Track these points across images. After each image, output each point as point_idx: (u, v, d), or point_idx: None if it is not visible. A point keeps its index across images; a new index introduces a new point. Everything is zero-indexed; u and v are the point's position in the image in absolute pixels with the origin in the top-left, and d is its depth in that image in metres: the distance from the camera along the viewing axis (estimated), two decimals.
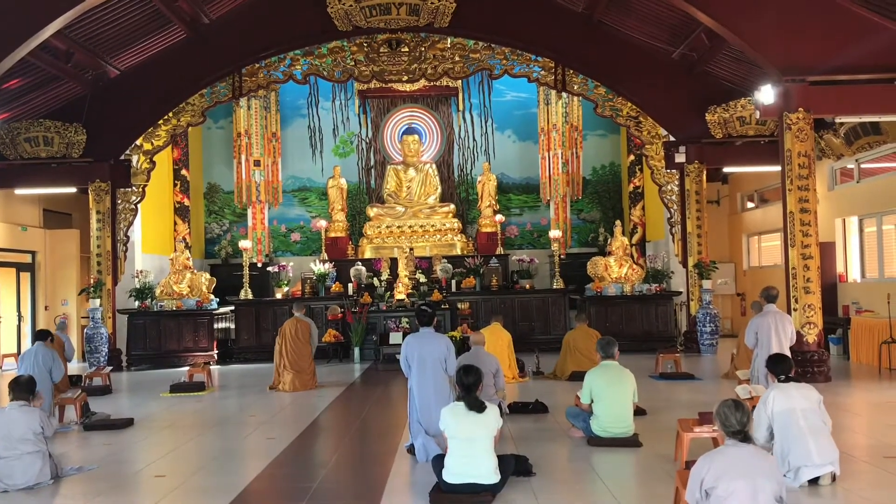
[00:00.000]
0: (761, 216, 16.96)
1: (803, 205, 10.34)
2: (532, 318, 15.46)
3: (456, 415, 5.54)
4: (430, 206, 18.88)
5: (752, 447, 4.10)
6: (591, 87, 15.07)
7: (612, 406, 7.04)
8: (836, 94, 10.63)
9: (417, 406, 6.76)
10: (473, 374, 5.75)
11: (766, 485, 3.94)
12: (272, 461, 6.85)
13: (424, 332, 7.01)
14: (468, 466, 5.39)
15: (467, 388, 5.68)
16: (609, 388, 7.07)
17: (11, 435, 6.10)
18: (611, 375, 7.14)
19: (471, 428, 5.46)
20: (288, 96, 19.37)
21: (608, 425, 7.04)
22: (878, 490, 5.54)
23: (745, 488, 3.93)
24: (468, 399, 5.58)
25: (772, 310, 8.77)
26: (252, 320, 15.32)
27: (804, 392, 5.70)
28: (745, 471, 3.96)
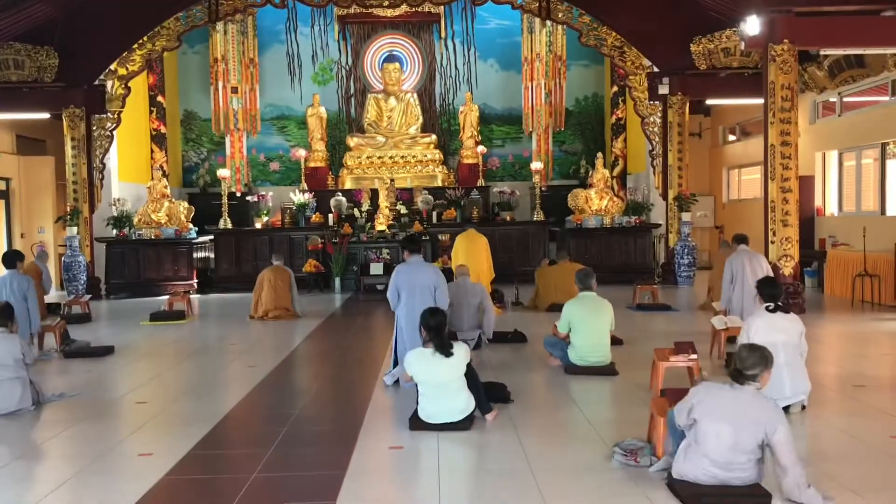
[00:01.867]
0: (742, 149, 16.97)
1: (785, 138, 10.34)
2: (512, 250, 15.51)
3: (423, 360, 5.49)
4: (411, 137, 18.68)
5: (751, 391, 4.06)
6: (575, 16, 14.81)
7: (589, 336, 7.15)
8: (822, 26, 10.52)
9: (406, 337, 6.76)
10: (439, 316, 5.65)
11: (749, 430, 3.97)
12: (253, 389, 6.91)
13: (414, 260, 6.98)
14: (442, 408, 5.40)
15: (433, 329, 5.55)
16: (586, 318, 7.16)
17: None
18: (588, 306, 7.23)
19: (440, 371, 5.42)
20: (265, 21, 18.88)
21: (585, 354, 7.15)
22: (848, 418, 5.69)
23: (725, 432, 3.98)
24: (435, 341, 5.51)
25: (744, 249, 8.83)
26: (232, 250, 15.27)
27: (788, 324, 5.68)
28: (730, 415, 4.00)
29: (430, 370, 5.45)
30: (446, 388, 5.43)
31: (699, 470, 4.07)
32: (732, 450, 4.00)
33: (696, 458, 4.08)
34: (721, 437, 4.00)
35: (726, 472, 4.02)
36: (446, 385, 5.43)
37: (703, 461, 4.06)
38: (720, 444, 4.01)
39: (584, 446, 5.06)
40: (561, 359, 7.36)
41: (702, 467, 4.06)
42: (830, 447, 5.04)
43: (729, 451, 4.00)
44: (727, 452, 4.00)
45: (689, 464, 4.11)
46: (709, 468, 4.05)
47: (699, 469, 4.07)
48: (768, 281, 6.19)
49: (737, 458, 4.00)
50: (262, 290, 11.27)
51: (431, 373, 5.45)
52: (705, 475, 4.06)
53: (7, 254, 9.23)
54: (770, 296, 5.85)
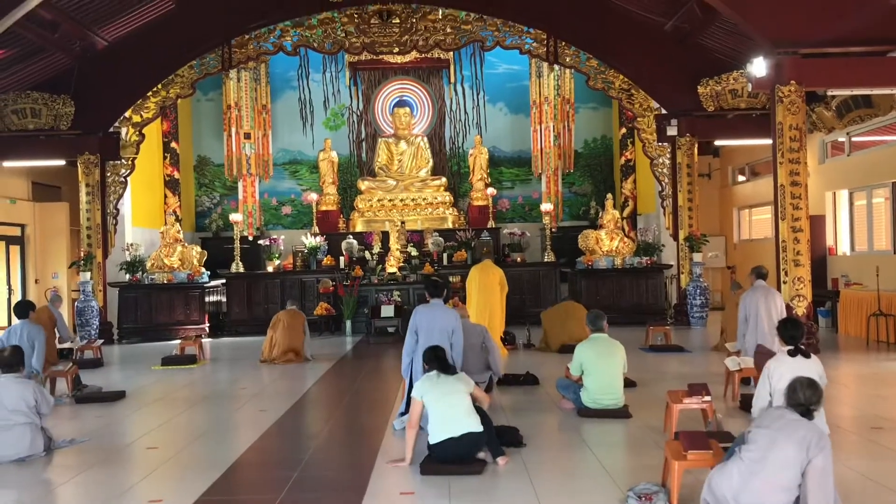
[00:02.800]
0: (752, 189, 16.98)
1: (794, 178, 10.35)
2: (523, 291, 15.45)
3: (429, 381, 5.69)
4: (421, 180, 18.82)
5: (808, 423, 4.17)
6: (583, 60, 14.98)
7: (601, 378, 7.08)
8: (828, 67, 10.59)
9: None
10: (439, 350, 5.87)
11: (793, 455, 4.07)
12: (263, 433, 6.88)
13: (434, 303, 7.07)
14: (451, 422, 5.48)
15: (436, 360, 5.78)
16: (599, 360, 7.10)
17: (4, 405, 6.09)
18: (600, 348, 7.18)
19: (447, 387, 5.60)
20: (278, 68, 19.20)
21: (598, 397, 7.08)
22: (866, 461, 5.60)
23: (773, 457, 4.07)
24: (437, 366, 5.73)
25: (761, 285, 8.77)
26: (243, 293, 15.31)
27: (810, 368, 5.47)
28: (784, 439, 4.08)
29: (437, 388, 5.61)
30: (454, 400, 5.56)
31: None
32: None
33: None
34: (769, 461, 4.08)
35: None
36: (454, 395, 5.57)
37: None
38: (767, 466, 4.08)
39: (597, 491, 5.00)
40: (574, 401, 7.30)
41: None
42: (849, 492, 4.94)
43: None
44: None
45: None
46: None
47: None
48: (789, 322, 6.06)
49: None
50: (277, 331, 11.29)
51: (439, 390, 5.60)
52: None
53: (19, 304, 9.44)
54: (791, 337, 5.72)
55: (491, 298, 10.83)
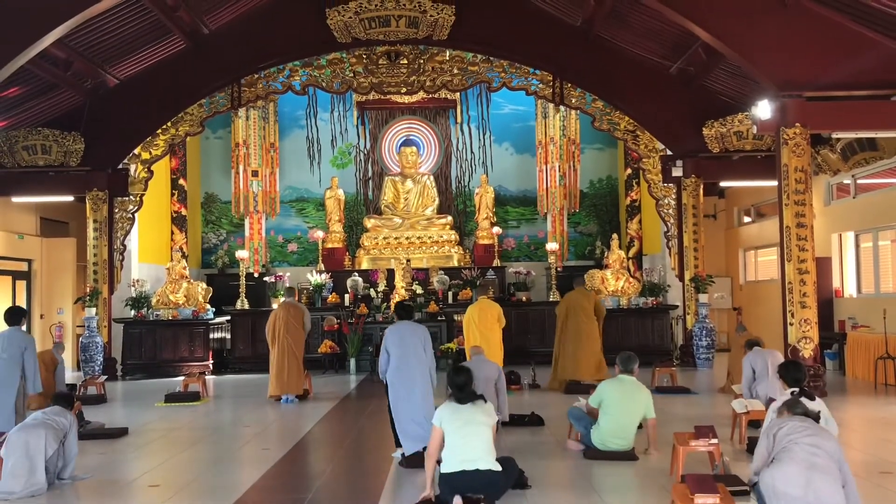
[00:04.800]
0: (758, 231, 16.99)
1: (800, 219, 10.37)
2: (528, 331, 15.43)
3: (450, 408, 5.59)
4: (427, 218, 18.89)
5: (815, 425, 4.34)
6: (588, 101, 15.12)
7: (617, 421, 6.98)
8: (833, 110, 10.68)
9: (401, 396, 6.99)
10: (464, 374, 5.73)
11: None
12: (266, 472, 6.82)
13: (403, 322, 7.34)
14: (467, 452, 5.39)
15: (459, 387, 5.67)
16: (619, 402, 6.99)
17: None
18: (625, 390, 7.06)
19: (467, 416, 5.52)
20: (286, 107, 19.41)
21: (608, 439, 7.00)
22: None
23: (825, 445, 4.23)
24: (461, 396, 5.62)
25: (760, 350, 8.77)
26: (248, 330, 15.28)
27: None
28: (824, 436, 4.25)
29: (456, 416, 5.52)
30: (473, 431, 5.46)
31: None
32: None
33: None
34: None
35: None
36: (473, 425, 5.48)
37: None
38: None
39: None
40: (582, 434, 7.22)
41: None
42: None
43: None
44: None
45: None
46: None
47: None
48: (791, 364, 6.02)
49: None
50: (275, 328, 11.13)
51: (457, 417, 5.51)
52: None
53: (11, 309, 8.38)
54: (794, 380, 5.71)
55: (489, 334, 10.81)
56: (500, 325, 11.15)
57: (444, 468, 5.43)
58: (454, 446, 5.43)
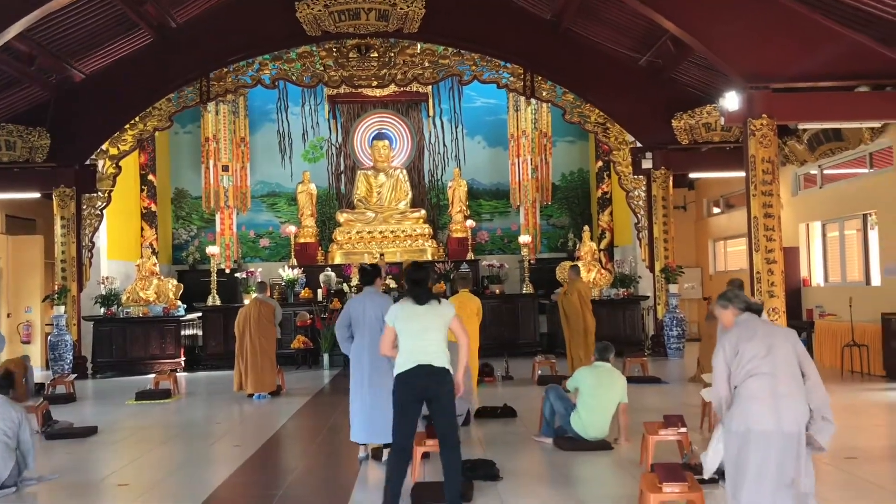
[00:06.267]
0: (727, 221, 17.17)
1: (767, 210, 10.47)
2: (502, 323, 15.47)
3: (407, 310, 5.18)
4: (400, 212, 18.86)
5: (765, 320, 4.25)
6: (559, 94, 15.17)
7: (594, 409, 7.11)
8: (799, 101, 10.78)
9: (366, 372, 6.61)
10: (423, 271, 5.36)
11: (784, 345, 4.03)
12: (238, 468, 6.79)
13: (367, 291, 6.78)
14: (419, 353, 5.08)
15: (416, 282, 5.25)
16: (596, 389, 7.14)
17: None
18: (601, 377, 7.22)
19: (424, 322, 5.13)
20: (257, 101, 19.27)
21: (587, 427, 7.10)
22: (840, 491, 5.62)
23: (759, 349, 4.02)
24: (417, 293, 5.20)
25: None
26: (220, 327, 15.13)
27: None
28: (761, 335, 4.06)
29: (413, 320, 5.14)
30: (427, 335, 5.11)
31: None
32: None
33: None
34: (762, 356, 4.03)
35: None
36: (428, 331, 5.11)
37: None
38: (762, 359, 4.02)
39: None
40: (560, 416, 7.30)
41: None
42: None
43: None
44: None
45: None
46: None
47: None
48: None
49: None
50: (247, 327, 11.00)
51: (413, 321, 5.13)
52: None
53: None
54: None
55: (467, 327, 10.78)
56: (478, 318, 11.14)
57: (398, 369, 5.14)
58: (408, 349, 5.14)
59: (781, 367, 3.96)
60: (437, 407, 5.11)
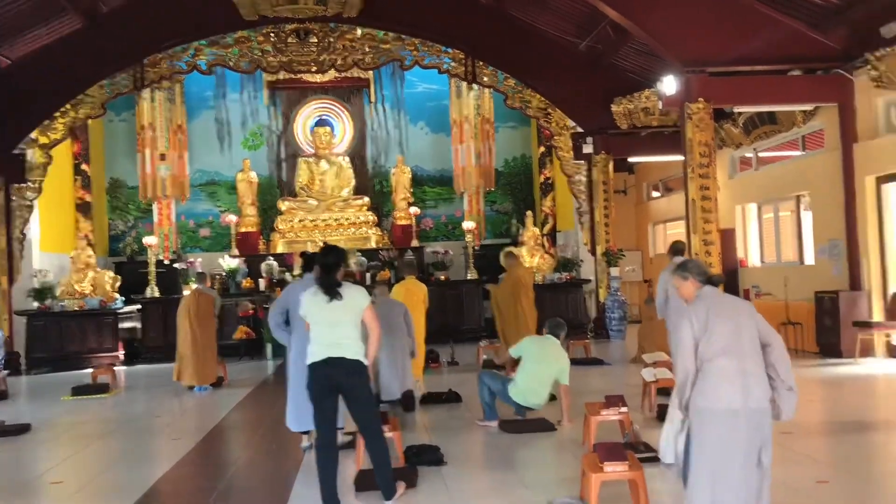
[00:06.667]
0: (666, 205, 17.45)
1: (704, 192, 10.67)
2: (447, 310, 15.46)
3: (317, 302, 4.99)
4: (343, 200, 18.68)
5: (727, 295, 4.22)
6: (500, 79, 15.18)
7: (533, 377, 7.29)
8: (734, 85, 11.01)
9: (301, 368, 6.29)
10: (334, 254, 5.10)
11: (749, 323, 4.01)
12: (177, 462, 6.64)
13: (308, 278, 6.46)
14: (330, 345, 4.94)
15: (327, 268, 5.02)
16: (538, 358, 7.32)
17: None
18: (545, 348, 7.43)
19: (334, 310, 4.96)
20: (194, 88, 18.83)
21: (526, 394, 7.27)
22: (776, 465, 5.69)
23: (729, 327, 3.96)
24: (326, 282, 4.98)
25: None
26: (159, 319, 14.82)
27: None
28: (728, 312, 4.01)
29: (323, 314, 4.97)
30: (339, 328, 4.94)
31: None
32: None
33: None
34: (727, 334, 3.97)
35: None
36: (340, 325, 4.95)
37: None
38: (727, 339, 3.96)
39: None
40: (498, 392, 7.37)
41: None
42: None
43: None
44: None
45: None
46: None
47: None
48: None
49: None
50: (188, 319, 10.81)
51: (324, 316, 4.97)
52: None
53: None
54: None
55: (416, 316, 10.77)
56: (424, 305, 11.11)
57: (309, 360, 4.99)
58: (319, 340, 4.98)
59: (748, 346, 4.00)
60: (352, 399, 5.00)
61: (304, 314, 5.09)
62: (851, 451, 6.21)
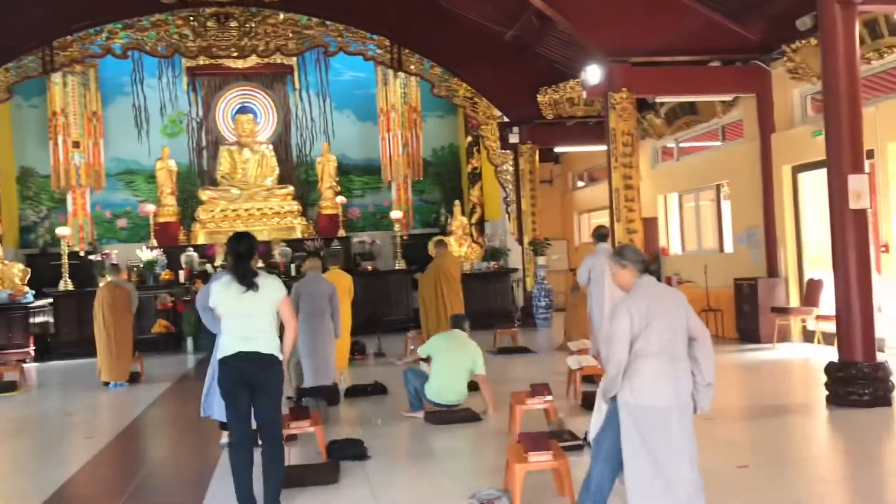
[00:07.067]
0: (591, 194, 17.63)
1: (627, 181, 10.77)
2: (375, 300, 15.29)
3: (231, 292, 4.70)
4: (267, 189, 18.27)
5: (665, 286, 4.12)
6: (427, 67, 15.06)
7: (444, 374, 7.19)
8: (656, 75, 11.12)
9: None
10: (246, 242, 4.78)
11: (681, 317, 3.97)
12: (87, 463, 6.32)
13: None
14: (243, 339, 4.66)
15: (239, 256, 4.72)
16: (447, 355, 7.22)
17: None
18: (453, 342, 7.33)
19: (247, 302, 4.66)
20: (109, 72, 18.09)
21: (443, 392, 7.17)
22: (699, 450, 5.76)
23: (667, 325, 3.91)
24: (242, 271, 4.69)
25: (604, 248, 8.97)
26: (73, 313, 14.23)
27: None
28: (666, 307, 3.95)
29: (235, 304, 4.68)
30: (253, 320, 4.67)
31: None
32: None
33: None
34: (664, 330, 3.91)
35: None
36: (253, 317, 4.67)
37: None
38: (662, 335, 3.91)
39: (442, 499, 4.91)
40: (417, 388, 7.30)
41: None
42: None
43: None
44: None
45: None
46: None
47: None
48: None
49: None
50: (102, 314, 10.39)
51: (236, 305, 4.68)
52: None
53: None
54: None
55: (341, 307, 10.59)
56: (349, 296, 10.94)
57: (220, 354, 4.75)
58: (231, 333, 4.71)
59: (680, 343, 3.98)
60: (261, 395, 4.71)
61: (215, 305, 4.83)
62: (770, 435, 6.33)
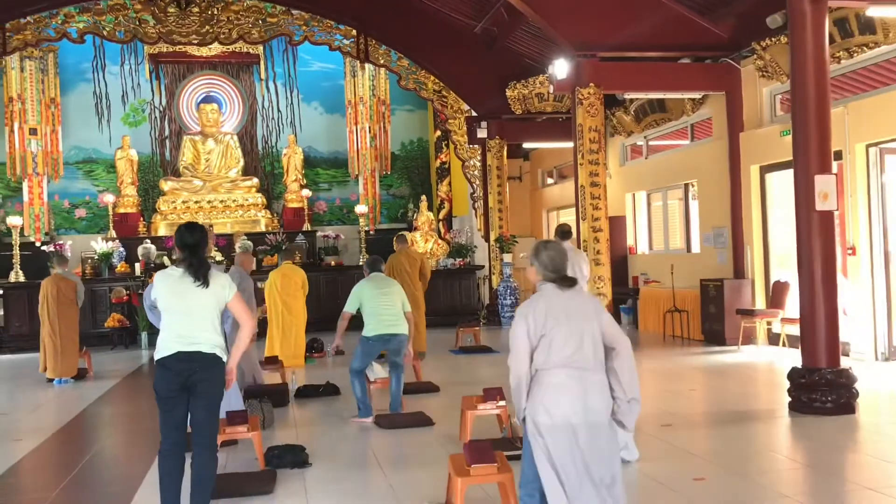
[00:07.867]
0: (559, 192, 17.41)
1: (593, 178, 10.54)
2: (339, 296, 14.93)
3: (171, 283, 4.33)
4: (231, 180, 17.85)
5: (572, 291, 3.70)
6: (394, 59, 14.76)
7: (382, 307, 7.09)
8: (625, 71, 10.91)
9: None
10: (198, 233, 4.39)
11: (593, 326, 3.65)
12: (10, 468, 5.95)
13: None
14: (183, 338, 4.30)
15: (190, 248, 4.33)
16: (376, 293, 7.12)
17: None
18: (377, 283, 7.22)
19: (191, 297, 4.30)
20: (69, 58, 17.58)
21: (381, 323, 7.07)
22: (653, 462, 5.53)
23: (571, 334, 3.61)
24: (196, 264, 4.31)
25: (567, 247, 8.67)
26: (24, 305, 13.73)
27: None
28: (571, 314, 3.63)
29: (179, 299, 4.30)
30: (194, 318, 4.30)
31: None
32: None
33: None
34: (567, 337, 3.60)
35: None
36: (195, 314, 4.30)
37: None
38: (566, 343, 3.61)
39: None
40: (365, 355, 7.16)
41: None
42: (632, 495, 4.84)
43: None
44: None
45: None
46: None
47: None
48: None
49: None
50: (46, 308, 10.01)
51: (181, 302, 4.30)
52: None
53: None
54: None
55: (291, 302, 10.35)
56: (303, 291, 10.70)
57: (157, 354, 4.36)
58: (171, 331, 4.34)
59: (590, 354, 3.67)
60: (198, 398, 4.37)
61: (155, 298, 4.47)
62: (730, 444, 6.09)
